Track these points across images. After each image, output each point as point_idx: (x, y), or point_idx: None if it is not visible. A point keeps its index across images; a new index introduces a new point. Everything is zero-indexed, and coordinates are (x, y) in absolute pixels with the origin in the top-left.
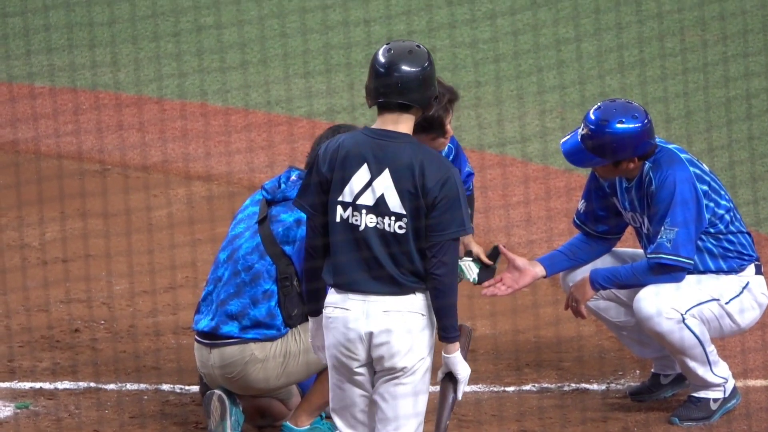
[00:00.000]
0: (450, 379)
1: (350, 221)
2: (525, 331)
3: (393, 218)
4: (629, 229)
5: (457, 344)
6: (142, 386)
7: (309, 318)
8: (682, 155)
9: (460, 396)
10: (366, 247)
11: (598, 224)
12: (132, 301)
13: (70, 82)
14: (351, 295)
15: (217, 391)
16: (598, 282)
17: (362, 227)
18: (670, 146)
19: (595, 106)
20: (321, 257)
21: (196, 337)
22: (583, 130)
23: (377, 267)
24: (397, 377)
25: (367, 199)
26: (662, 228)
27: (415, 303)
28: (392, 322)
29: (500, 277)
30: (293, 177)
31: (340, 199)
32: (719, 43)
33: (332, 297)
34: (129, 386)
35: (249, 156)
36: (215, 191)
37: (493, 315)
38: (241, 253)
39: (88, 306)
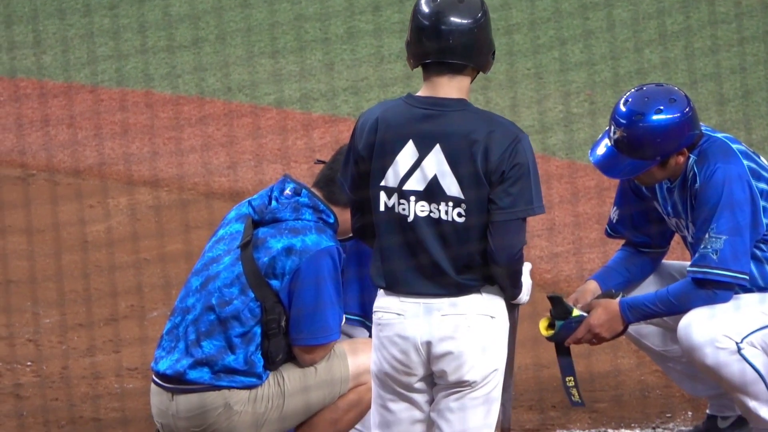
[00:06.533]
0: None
1: (396, 210)
2: (550, 366)
3: (450, 204)
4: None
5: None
6: None
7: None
8: (734, 146)
9: (524, 297)
10: (417, 240)
11: (637, 234)
12: (64, 337)
13: None
14: (403, 298)
15: None
16: (628, 315)
17: (411, 217)
18: (719, 135)
19: (622, 100)
20: (371, 236)
21: (155, 378)
22: (614, 132)
23: (431, 264)
24: (463, 391)
25: (415, 184)
26: (707, 236)
27: (482, 303)
28: (455, 329)
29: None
30: (288, 191)
31: (383, 183)
32: None
33: (381, 300)
34: None
35: (205, 155)
36: (164, 199)
37: None
38: (218, 284)
39: (9, 344)
